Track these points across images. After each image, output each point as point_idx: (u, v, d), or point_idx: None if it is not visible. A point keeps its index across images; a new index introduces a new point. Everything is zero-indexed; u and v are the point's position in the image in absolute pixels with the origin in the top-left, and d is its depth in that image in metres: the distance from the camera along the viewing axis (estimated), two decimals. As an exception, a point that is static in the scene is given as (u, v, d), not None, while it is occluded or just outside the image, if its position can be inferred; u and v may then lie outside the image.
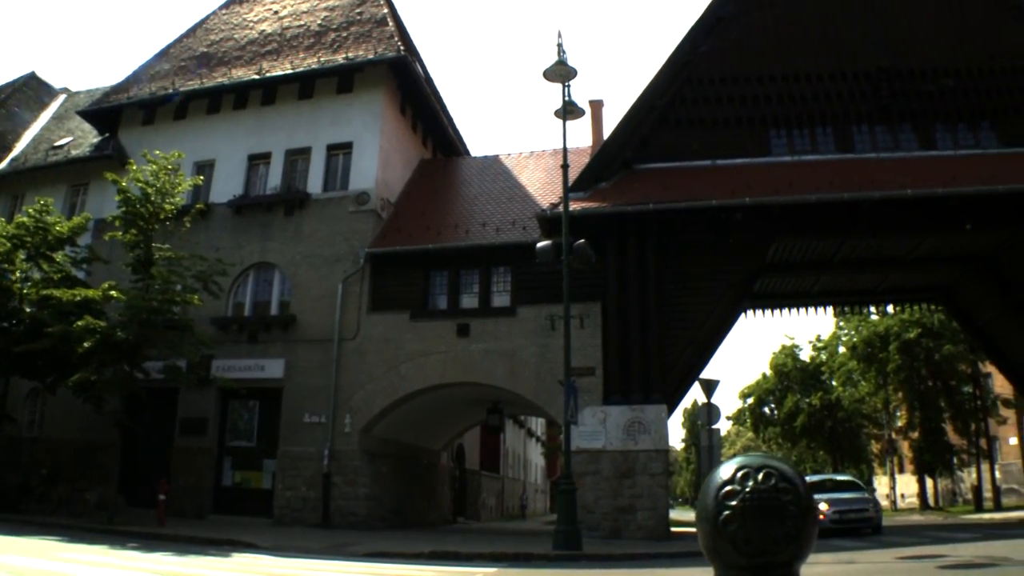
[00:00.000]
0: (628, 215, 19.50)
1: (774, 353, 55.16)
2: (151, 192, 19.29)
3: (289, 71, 24.44)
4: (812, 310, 28.24)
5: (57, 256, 21.28)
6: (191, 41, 27.78)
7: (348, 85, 24.29)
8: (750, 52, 21.66)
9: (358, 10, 26.18)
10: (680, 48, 21.64)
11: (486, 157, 28.28)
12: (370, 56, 23.92)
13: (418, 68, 26.20)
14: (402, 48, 24.09)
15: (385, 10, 25.90)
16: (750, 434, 67.98)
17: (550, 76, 15.85)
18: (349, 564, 12.07)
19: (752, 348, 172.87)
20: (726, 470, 2.06)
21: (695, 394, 39.17)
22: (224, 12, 28.84)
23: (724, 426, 77.01)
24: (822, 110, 21.22)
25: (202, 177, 23.29)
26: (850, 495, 20.85)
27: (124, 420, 19.19)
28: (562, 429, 16.32)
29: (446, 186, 26.01)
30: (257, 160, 24.41)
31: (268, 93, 24.87)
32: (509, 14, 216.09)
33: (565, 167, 16.50)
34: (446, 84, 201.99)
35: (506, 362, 20.41)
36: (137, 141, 24.51)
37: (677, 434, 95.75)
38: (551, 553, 13.73)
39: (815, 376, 52.25)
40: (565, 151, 16.68)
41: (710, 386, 18.52)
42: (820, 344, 52.42)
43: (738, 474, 2.02)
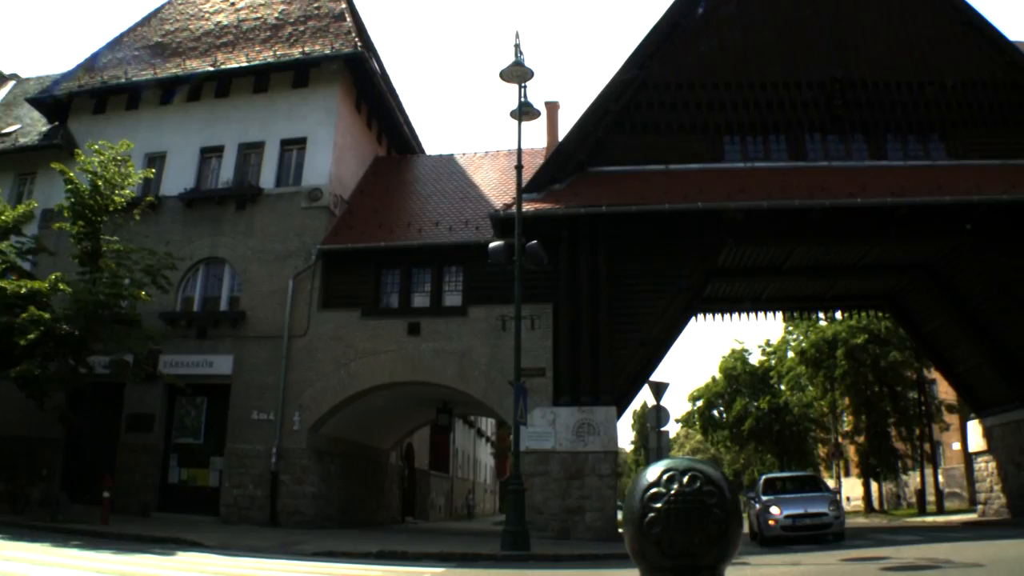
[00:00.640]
0: (581, 217, 19.61)
1: (724, 357, 55.52)
2: (100, 184, 18.94)
3: (244, 64, 24.17)
4: (762, 315, 28.56)
5: (2, 245, 20.78)
6: (145, 30, 27.25)
7: (304, 80, 24.08)
8: (706, 59, 21.94)
9: (316, 5, 25.92)
10: (636, 53, 21.83)
11: (441, 156, 28.28)
12: (326, 51, 23.74)
13: (375, 65, 26.07)
14: (359, 44, 23.94)
15: (343, 5, 25.69)
16: (699, 437, 68.44)
17: (507, 77, 15.85)
18: (297, 563, 11.97)
19: (702, 352, 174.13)
20: (652, 472, 2.07)
21: (645, 396, 39.29)
22: (180, 2, 28.29)
23: (673, 428, 77.50)
24: (776, 118, 21.53)
25: (153, 170, 22.80)
26: (806, 495, 18.28)
27: (68, 415, 18.81)
28: (512, 429, 16.35)
29: (400, 184, 25.90)
30: (210, 153, 24.11)
31: (222, 86, 24.55)
32: (467, 14, 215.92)
33: (519, 168, 16.60)
34: (403, 82, 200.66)
35: (457, 362, 20.39)
36: (87, 131, 23.98)
37: (626, 436, 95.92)
38: (499, 554, 13.77)
39: (764, 380, 52.73)
40: (520, 152, 16.84)
41: (659, 388, 18.59)
42: (769, 349, 52.88)
43: (663, 476, 2.03)
